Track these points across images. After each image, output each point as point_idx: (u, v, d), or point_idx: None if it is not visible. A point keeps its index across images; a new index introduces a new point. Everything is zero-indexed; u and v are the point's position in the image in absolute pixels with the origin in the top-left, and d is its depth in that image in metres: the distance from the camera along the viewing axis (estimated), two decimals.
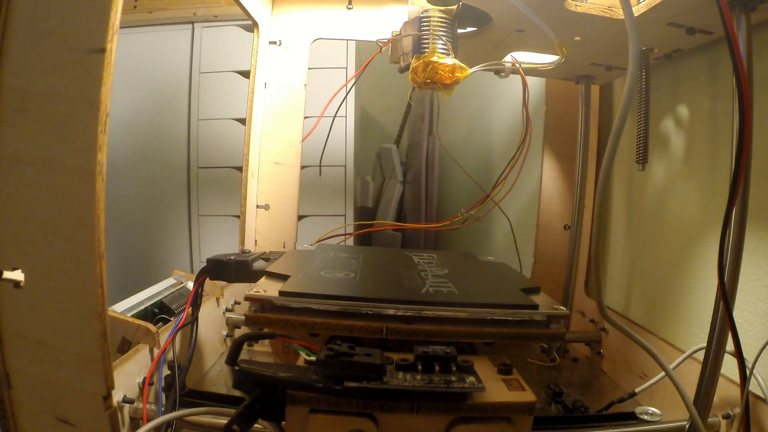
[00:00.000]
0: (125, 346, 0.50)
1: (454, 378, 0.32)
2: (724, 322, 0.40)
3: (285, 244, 0.81)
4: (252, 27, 0.77)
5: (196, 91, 1.44)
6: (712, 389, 0.42)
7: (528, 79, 0.59)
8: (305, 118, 0.81)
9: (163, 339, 0.50)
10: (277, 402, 0.32)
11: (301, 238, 0.81)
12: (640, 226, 0.70)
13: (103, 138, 0.34)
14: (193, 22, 1.43)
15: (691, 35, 0.51)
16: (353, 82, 1.09)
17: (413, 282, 0.44)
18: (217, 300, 0.70)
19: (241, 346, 0.34)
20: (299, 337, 0.36)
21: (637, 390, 0.55)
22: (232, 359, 0.33)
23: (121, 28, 0.34)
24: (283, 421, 0.32)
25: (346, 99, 1.34)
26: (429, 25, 0.53)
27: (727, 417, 0.45)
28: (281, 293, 0.38)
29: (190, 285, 0.71)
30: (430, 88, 0.53)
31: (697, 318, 0.57)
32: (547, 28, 0.50)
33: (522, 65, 0.59)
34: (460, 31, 0.57)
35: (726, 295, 0.39)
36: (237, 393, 0.34)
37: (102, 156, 0.34)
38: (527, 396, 0.32)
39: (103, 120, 0.33)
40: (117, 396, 0.43)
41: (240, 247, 0.77)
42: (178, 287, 0.71)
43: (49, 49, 0.34)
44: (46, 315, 0.36)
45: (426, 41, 0.53)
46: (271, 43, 0.80)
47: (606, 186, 0.74)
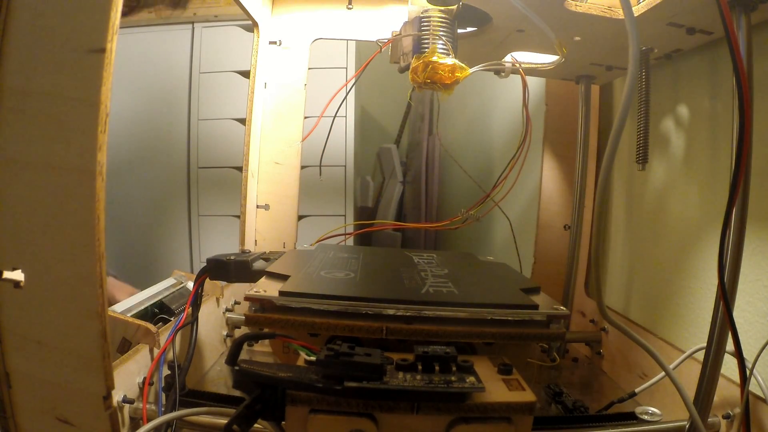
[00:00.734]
0: (125, 346, 0.50)
1: (454, 378, 0.32)
2: (724, 322, 0.40)
3: (285, 244, 0.81)
4: (252, 27, 0.77)
5: (196, 91, 1.44)
6: (712, 389, 0.42)
7: (528, 79, 0.59)
8: (305, 118, 0.81)
9: (163, 339, 0.50)
10: (277, 402, 0.32)
11: (301, 238, 0.81)
12: (640, 226, 0.70)
13: (103, 138, 0.34)
14: (193, 22, 1.43)
15: (691, 35, 0.51)
16: (353, 82, 1.09)
17: (413, 282, 0.44)
18: (217, 300, 0.70)
19: (241, 346, 0.34)
20: (299, 337, 0.36)
21: (637, 390, 0.54)
22: (232, 359, 0.33)
23: (121, 28, 0.34)
24: (283, 421, 0.32)
25: (346, 99, 1.34)
26: (429, 25, 0.53)
27: (727, 417, 0.45)
28: (281, 293, 0.38)
29: (190, 285, 0.71)
30: (430, 88, 0.53)
31: (697, 318, 0.57)
32: (547, 28, 0.50)
33: (522, 65, 0.59)
34: (460, 31, 0.57)
35: (726, 295, 0.39)
36: (237, 393, 0.34)
37: (102, 156, 0.34)
38: (527, 396, 0.32)
39: (103, 120, 0.33)
40: (117, 396, 0.43)
41: (240, 247, 0.77)
42: (178, 287, 0.71)
43: (49, 49, 0.34)
44: (46, 315, 0.36)
45: (426, 41, 0.53)
46: (271, 43, 0.80)
47: (606, 186, 0.74)
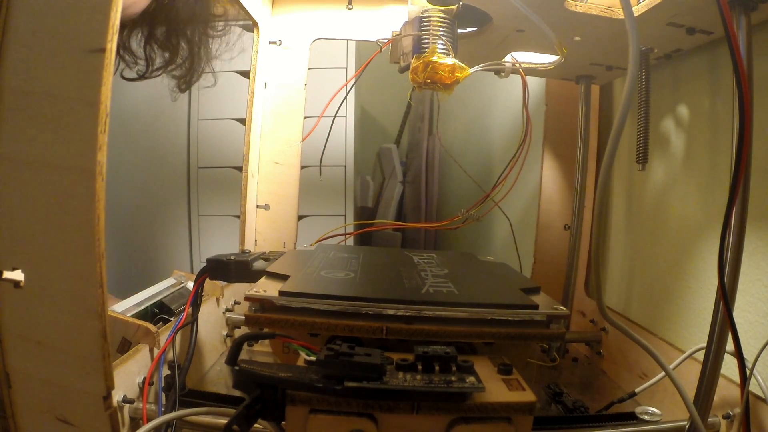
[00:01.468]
0: (125, 346, 0.50)
1: (454, 378, 0.32)
2: (724, 322, 0.40)
3: (285, 244, 0.81)
4: (252, 27, 0.77)
5: (196, 91, 1.44)
6: (712, 389, 0.42)
7: (528, 79, 0.59)
8: (305, 118, 0.81)
9: (163, 339, 0.50)
10: (277, 402, 0.32)
11: (301, 238, 0.81)
12: (640, 226, 0.70)
13: (103, 138, 0.34)
14: None
15: (691, 35, 0.51)
16: (353, 82, 1.09)
17: (413, 282, 0.44)
18: (217, 300, 0.70)
19: (241, 346, 0.34)
20: (299, 337, 0.36)
21: (637, 390, 0.54)
22: (232, 359, 0.33)
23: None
24: (283, 421, 0.32)
25: (346, 99, 1.34)
26: (429, 25, 0.53)
27: (727, 417, 0.45)
28: (281, 293, 0.38)
29: (190, 285, 0.71)
30: (430, 88, 0.53)
31: (697, 318, 0.57)
32: (547, 28, 0.50)
33: (522, 65, 0.59)
34: (460, 31, 0.57)
35: (726, 295, 0.39)
36: (237, 393, 0.34)
37: (102, 156, 0.34)
38: (527, 396, 0.32)
39: (103, 120, 0.33)
40: (117, 396, 0.43)
41: (240, 247, 0.77)
42: (178, 287, 0.70)
43: (49, 49, 0.34)
44: (46, 315, 0.36)
45: (426, 41, 0.53)
46: (271, 43, 0.80)
47: (606, 186, 0.74)
